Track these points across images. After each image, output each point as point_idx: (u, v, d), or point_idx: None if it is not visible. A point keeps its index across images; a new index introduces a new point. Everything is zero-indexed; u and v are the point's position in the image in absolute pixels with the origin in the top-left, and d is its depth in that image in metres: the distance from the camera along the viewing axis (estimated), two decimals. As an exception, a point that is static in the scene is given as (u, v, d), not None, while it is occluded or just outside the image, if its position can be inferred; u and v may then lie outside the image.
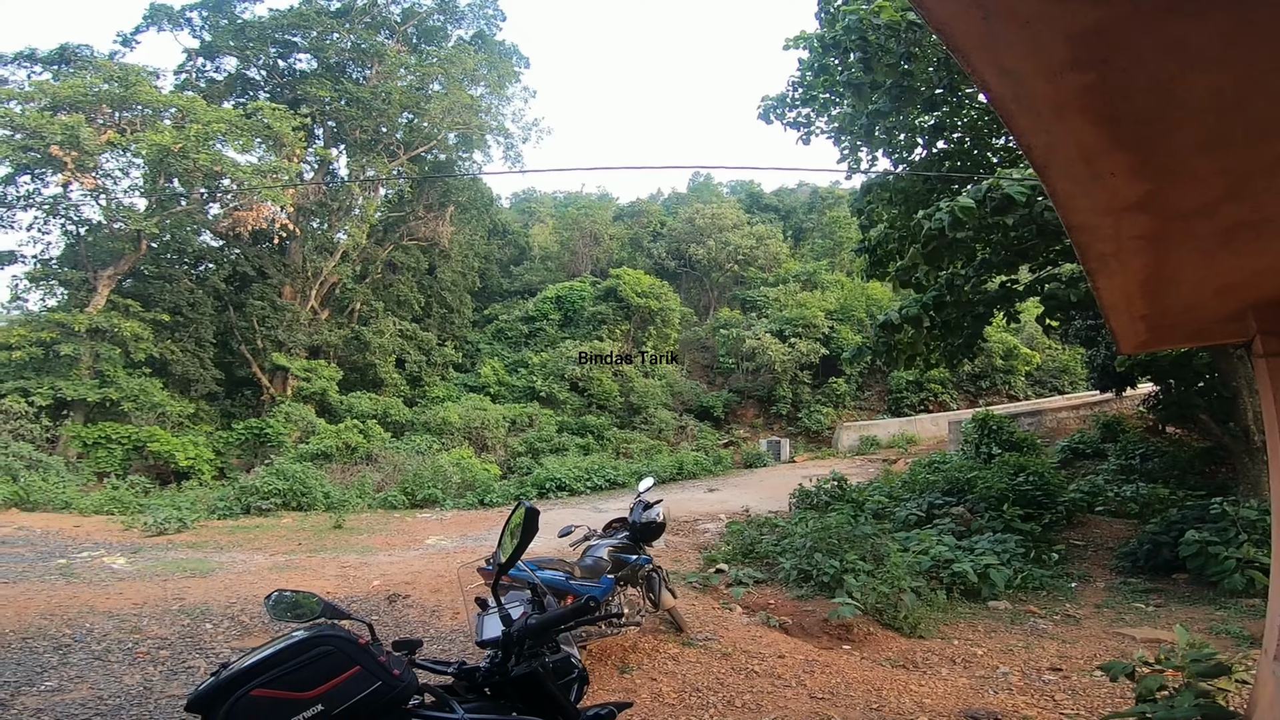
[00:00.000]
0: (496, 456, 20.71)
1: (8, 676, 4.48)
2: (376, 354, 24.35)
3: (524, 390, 25.09)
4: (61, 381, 16.72)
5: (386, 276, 26.40)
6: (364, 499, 15.64)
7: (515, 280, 34.29)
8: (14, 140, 16.92)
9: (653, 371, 26.81)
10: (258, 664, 1.37)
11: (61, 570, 7.56)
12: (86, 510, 13.54)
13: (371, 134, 24.74)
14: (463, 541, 11.03)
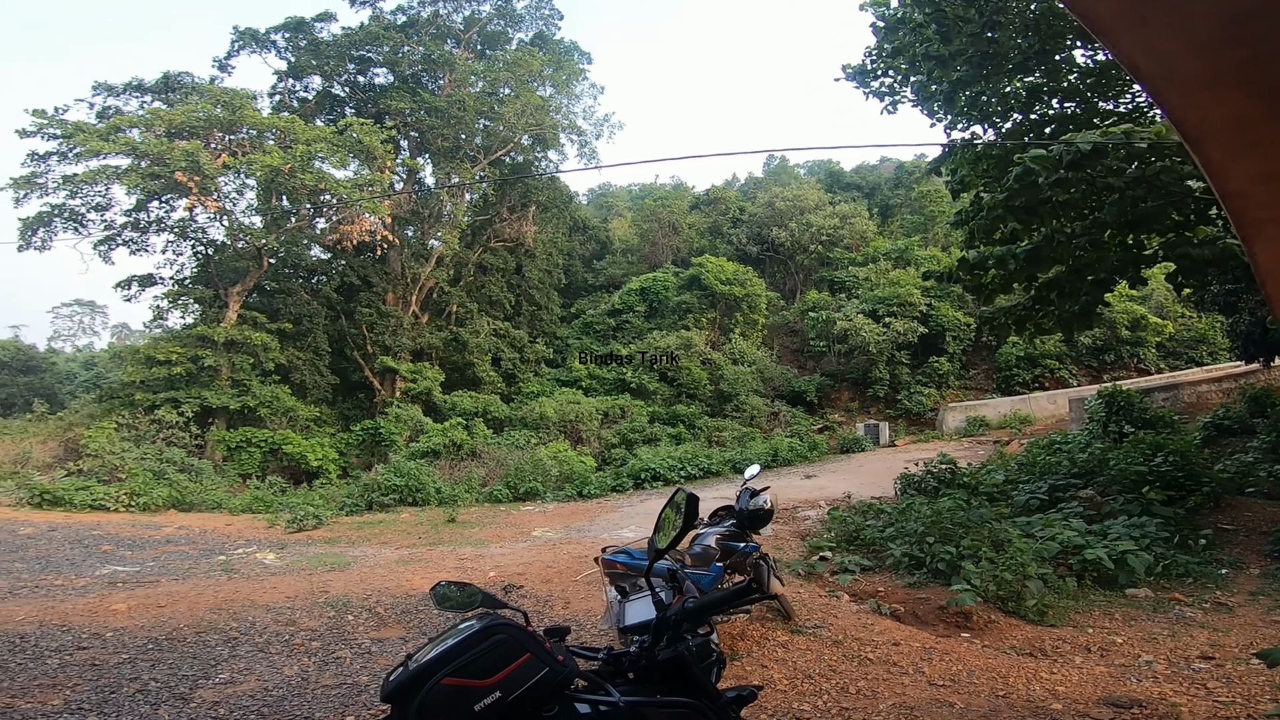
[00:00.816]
0: (591, 449, 21.20)
1: (186, 670, 4.81)
2: (474, 353, 25.38)
3: (614, 382, 25.50)
4: (206, 391, 18.59)
5: (478, 278, 27.43)
6: (471, 493, 16.45)
7: (598, 275, 34.74)
8: (141, 168, 18.56)
9: (742, 358, 26.54)
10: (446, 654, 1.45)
11: (222, 566, 8.43)
12: (235, 509, 15.05)
13: (452, 141, 25.67)
14: (567, 533, 11.40)
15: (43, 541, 9.64)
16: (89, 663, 4.72)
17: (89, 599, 6.23)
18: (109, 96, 21.97)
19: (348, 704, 4.34)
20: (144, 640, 5.21)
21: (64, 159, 19.31)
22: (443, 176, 25.92)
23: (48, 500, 13.63)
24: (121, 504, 14.17)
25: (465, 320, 26.40)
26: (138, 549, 9.57)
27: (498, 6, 29.04)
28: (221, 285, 21.29)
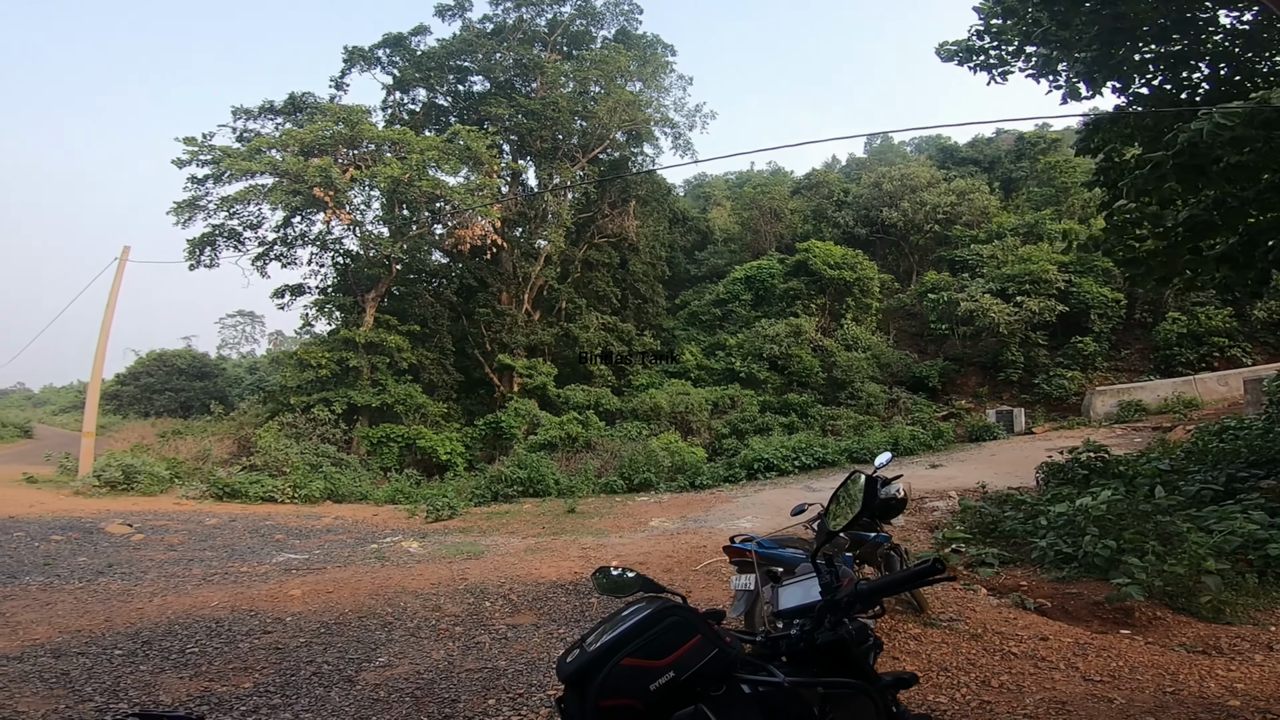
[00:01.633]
0: (701, 439, 21.20)
1: (351, 654, 5.10)
2: (584, 348, 25.97)
3: (723, 372, 25.33)
4: (351, 391, 20.34)
5: (585, 274, 28.04)
6: (588, 485, 16.95)
7: (701, 265, 34.56)
8: (283, 186, 20.25)
9: (856, 344, 25.50)
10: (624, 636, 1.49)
11: (375, 554, 9.20)
12: (379, 500, 16.39)
13: (550, 143, 26.32)
14: (683, 523, 11.49)
15: (226, 531, 10.97)
16: (273, 646, 5.20)
17: (270, 585, 7.00)
18: (247, 120, 24.01)
19: (489, 688, 4.52)
20: (316, 625, 5.74)
21: (218, 181, 21.25)
22: (544, 177, 26.66)
23: (226, 493, 15.50)
24: (286, 496, 15.86)
25: (574, 316, 27.11)
26: (304, 538, 10.68)
27: (578, 6, 29.47)
28: (359, 292, 23.06)
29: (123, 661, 4.63)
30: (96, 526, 10.29)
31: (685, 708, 1.45)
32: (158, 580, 7.08)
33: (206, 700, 4.15)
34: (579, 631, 5.67)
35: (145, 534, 10.04)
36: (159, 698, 4.09)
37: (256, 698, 4.24)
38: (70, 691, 4.12)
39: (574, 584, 7.12)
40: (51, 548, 8.67)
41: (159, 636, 5.14)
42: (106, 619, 5.54)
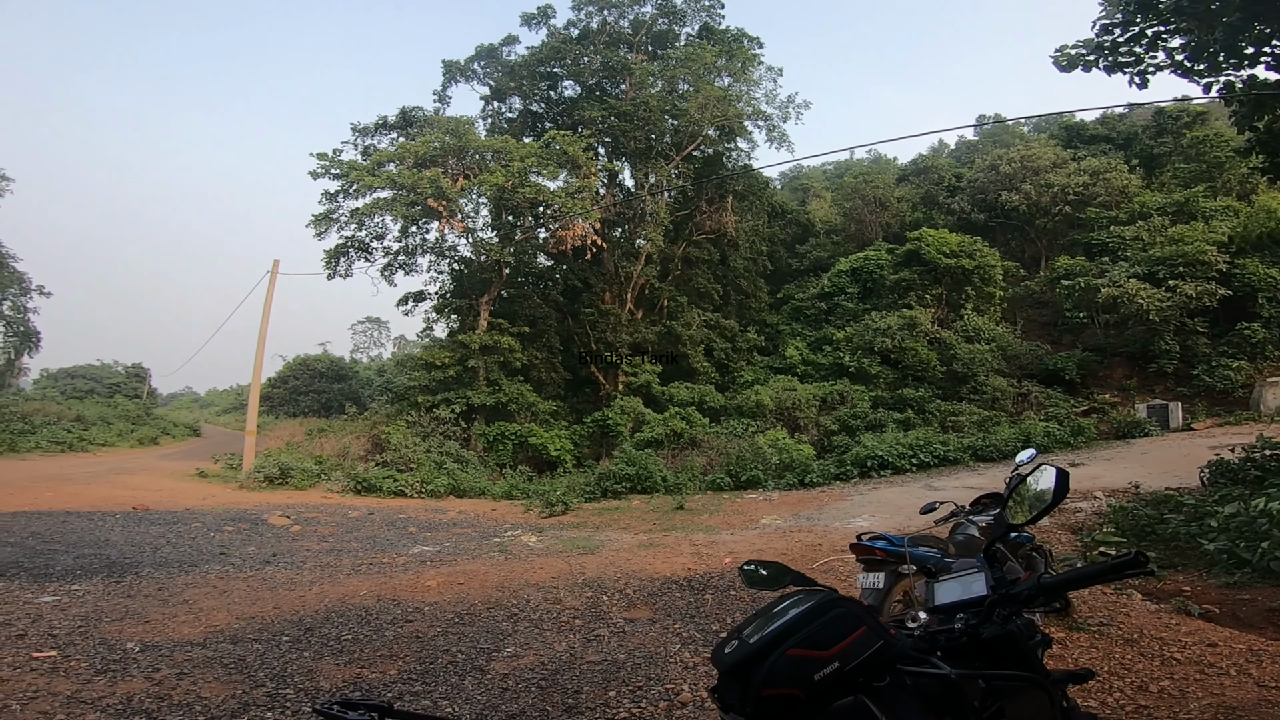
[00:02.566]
0: (809, 436, 20.66)
1: (482, 644, 5.29)
2: (687, 345, 26.03)
3: (831, 367, 24.54)
4: (469, 391, 21.50)
5: (685, 271, 28.06)
6: (694, 481, 16.98)
7: (803, 258, 33.67)
8: (401, 198, 21.49)
9: (978, 335, 23.86)
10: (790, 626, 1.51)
11: (498, 548, 9.65)
12: (497, 496, 17.21)
13: (643, 143, 26.45)
14: (796, 521, 11.26)
15: (367, 523, 11.92)
16: (414, 635, 5.50)
17: (408, 575, 7.50)
18: (365, 136, 25.79)
19: (609, 680, 4.58)
20: (451, 615, 6.06)
21: (347, 195, 22.91)
22: (640, 177, 26.87)
23: (364, 487, 16.86)
24: (415, 490, 17.04)
25: (676, 314, 27.15)
26: (434, 530, 11.42)
27: (659, 6, 29.40)
28: (473, 296, 24.23)
29: (289, 648, 5.03)
30: (260, 518, 11.48)
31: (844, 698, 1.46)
32: (315, 570, 7.76)
33: (359, 686, 4.42)
34: (694, 627, 5.71)
35: (301, 525, 11.10)
36: (319, 684, 4.38)
37: (401, 684, 4.50)
38: (246, 677, 4.43)
39: (688, 580, 7.14)
40: (224, 538, 9.74)
41: (319, 624, 5.59)
42: (275, 606, 6.09)
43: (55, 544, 8.14)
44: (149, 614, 5.60)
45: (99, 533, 9.14)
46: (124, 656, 4.62)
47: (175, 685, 4.17)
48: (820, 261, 32.29)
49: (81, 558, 7.50)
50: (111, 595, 6.11)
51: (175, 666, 4.47)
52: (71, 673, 4.29)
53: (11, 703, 3.80)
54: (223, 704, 3.96)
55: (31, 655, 4.52)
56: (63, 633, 5.06)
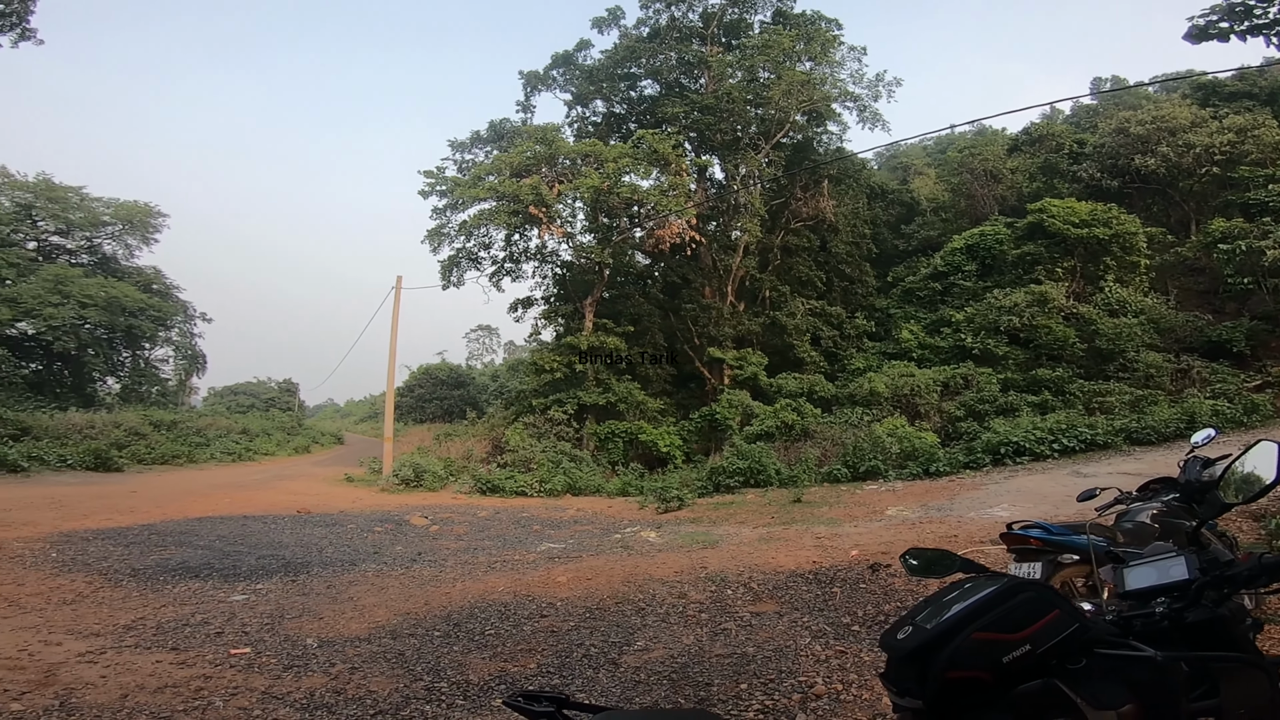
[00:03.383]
0: (931, 423, 19.57)
1: (613, 638, 5.42)
2: (792, 335, 25.47)
3: (951, 350, 23.13)
4: (580, 392, 22.18)
5: (785, 261, 27.45)
6: (810, 474, 16.56)
7: (910, 239, 32.04)
8: (503, 207, 22.37)
9: (1123, 308, 21.68)
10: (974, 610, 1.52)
11: (620, 544, 9.92)
12: (612, 493, 17.63)
13: (730, 134, 26.01)
14: (925, 512, 10.75)
15: (495, 522, 12.60)
16: (549, 630, 5.71)
17: (539, 572, 7.85)
18: (461, 151, 27.21)
19: (740, 673, 4.59)
20: (581, 610, 6.27)
21: (454, 209, 24.19)
22: (730, 169, 26.51)
23: (489, 488, 17.84)
24: (534, 490, 17.81)
25: (779, 304, 26.64)
26: (557, 528, 11.90)
27: None
28: (577, 299, 24.94)
29: (440, 642, 5.37)
30: (403, 519, 12.43)
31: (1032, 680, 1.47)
32: (455, 567, 8.29)
33: (503, 679, 4.63)
34: (823, 620, 5.64)
35: (438, 525, 11.93)
36: (469, 677, 4.65)
37: (540, 678, 4.69)
38: (405, 671, 4.70)
39: (813, 573, 7.01)
40: (375, 538, 10.61)
41: (464, 619, 5.96)
42: (425, 602, 6.54)
43: (239, 546, 9.17)
44: (322, 611, 6.17)
45: (272, 535, 10.22)
46: (305, 652, 5.05)
47: (349, 680, 4.52)
48: (930, 241, 30.55)
49: (262, 558, 8.38)
50: (289, 593, 6.78)
51: (348, 661, 4.86)
52: (263, 668, 4.69)
53: (215, 699, 4.14)
54: (388, 698, 4.25)
55: (230, 652, 4.99)
56: (253, 630, 5.59)
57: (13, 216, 34.29)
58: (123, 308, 33.33)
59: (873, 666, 4.60)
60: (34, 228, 35.48)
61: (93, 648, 4.94)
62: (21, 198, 34.78)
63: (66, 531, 9.22)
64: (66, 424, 22.69)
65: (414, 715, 4.05)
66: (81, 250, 37.51)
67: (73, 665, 4.54)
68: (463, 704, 4.24)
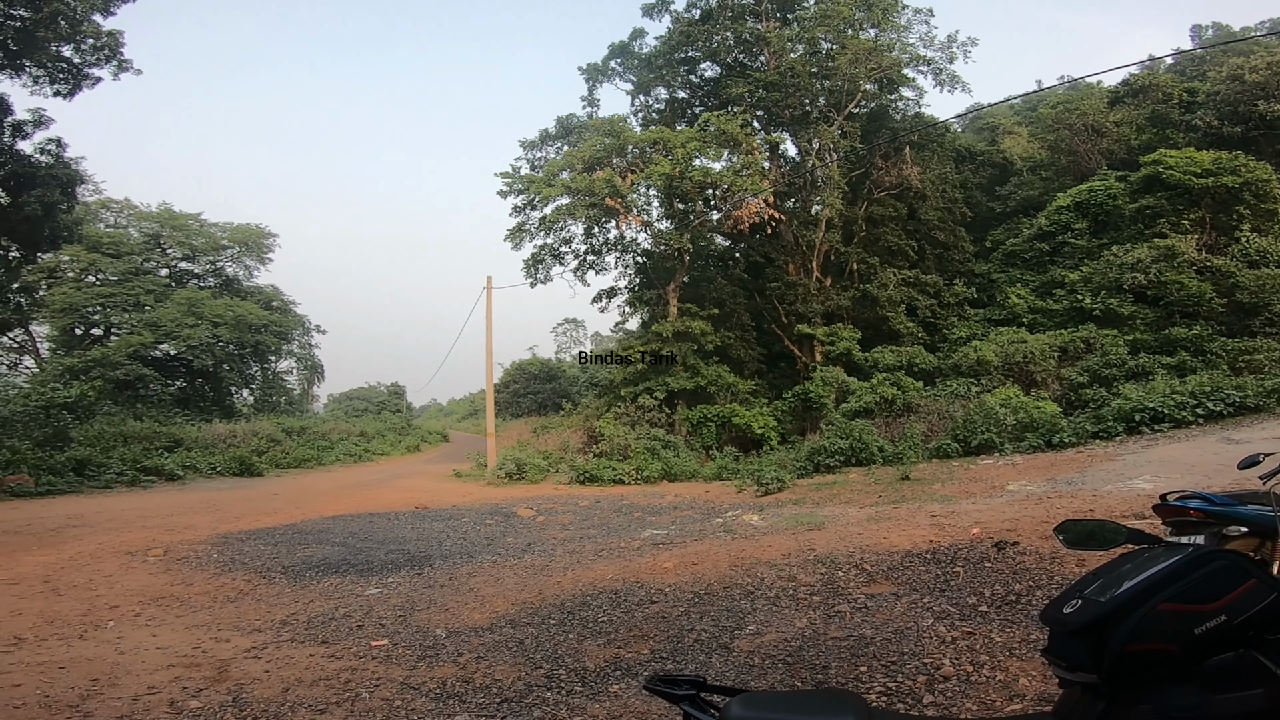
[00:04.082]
0: (1050, 391, 18.28)
1: (724, 622, 5.38)
2: (885, 307, 24.69)
3: (1066, 313, 21.63)
4: (668, 378, 22.26)
5: (870, 232, 26.68)
6: (916, 450, 15.88)
7: (1007, 200, 30.16)
8: (579, 201, 22.72)
9: (1265, 258, 19.47)
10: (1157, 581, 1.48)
11: (723, 528, 9.86)
12: (708, 478, 17.59)
13: (798, 110, 25.34)
14: (1052, 486, 10.06)
15: (597, 511, 12.87)
16: (659, 615, 5.74)
17: (645, 559, 7.93)
18: (533, 150, 27.78)
19: (858, 655, 4.51)
20: (690, 595, 6.27)
21: (533, 207, 24.78)
22: (803, 144, 25.97)
23: (587, 477, 18.27)
24: (631, 478, 18.07)
25: (869, 276, 25.84)
26: (657, 514, 12.01)
27: None
28: (660, 285, 25.04)
29: (556, 630, 5.50)
30: (511, 511, 12.90)
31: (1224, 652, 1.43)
32: (564, 556, 8.52)
33: (618, 666, 4.70)
34: (946, 601, 5.39)
35: (544, 516, 12.31)
36: (585, 664, 4.74)
37: (654, 663, 4.73)
38: (526, 659, 4.83)
39: (931, 553, 6.69)
40: (487, 530, 11.06)
41: (577, 607, 6.09)
42: (539, 591, 6.73)
43: (368, 542, 9.82)
44: (447, 602, 6.49)
45: (396, 530, 10.88)
46: (435, 643, 5.31)
47: (476, 669, 4.72)
48: (1030, 201, 28.71)
49: (389, 553, 8.92)
50: (416, 586, 7.18)
51: (473, 651, 5.07)
52: (400, 659, 4.95)
53: (362, 691, 4.33)
54: (512, 686, 4.41)
55: (370, 644, 5.28)
56: (388, 622, 5.90)
57: (144, 246, 38.26)
58: (249, 325, 36.58)
59: (1006, 648, 4.38)
60: (164, 255, 39.46)
61: (256, 643, 5.33)
62: (148, 228, 38.79)
63: (223, 533, 10.17)
64: (212, 435, 25.25)
65: (536, 702, 4.17)
66: (207, 274, 41.38)
67: (240, 661, 4.91)
68: (581, 690, 4.33)
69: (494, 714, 4.02)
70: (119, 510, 12.77)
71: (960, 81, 26.44)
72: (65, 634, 5.36)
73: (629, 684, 4.40)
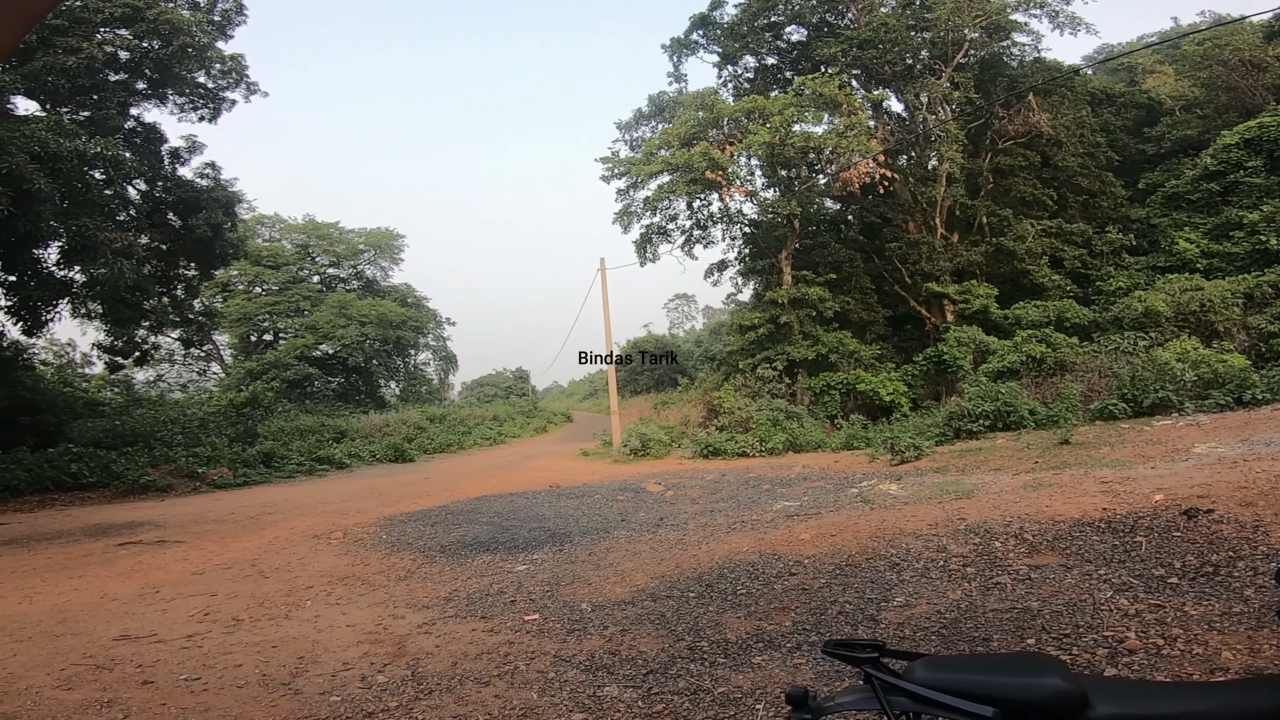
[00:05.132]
0: (1236, 343, 16.05)
1: (869, 594, 5.30)
2: (1024, 260, 22.95)
3: (1249, 256, 19.20)
4: (788, 346, 21.79)
5: (999, 184, 24.89)
6: (1075, 412, 14.48)
7: (1159, 142, 27.03)
8: (680, 178, 22.68)
9: None
10: None
11: (858, 498, 9.50)
12: (835, 448, 17.02)
13: (899, 65, 23.84)
14: (1248, 448, 8.84)
15: (724, 484, 12.80)
16: (800, 587, 5.66)
17: (780, 530, 7.81)
18: (629, 131, 28.02)
19: (1023, 628, 4.30)
20: (830, 566, 6.14)
21: (635, 188, 25.13)
22: (910, 100, 24.40)
23: (710, 451, 18.27)
24: (755, 450, 17.87)
25: (1002, 229, 23.99)
26: (787, 486, 11.79)
27: None
28: (771, 254, 24.50)
29: (695, 603, 5.56)
30: (639, 487, 13.13)
31: None
32: (697, 530, 8.56)
33: (760, 638, 4.68)
34: (1126, 573, 4.94)
35: (673, 490, 12.42)
36: (727, 636, 4.77)
37: (797, 635, 4.69)
38: (668, 632, 4.91)
39: (1105, 522, 6.11)
40: (619, 506, 11.30)
41: (714, 580, 6.11)
42: (676, 565, 6.80)
43: (512, 520, 10.33)
44: (589, 577, 6.73)
45: (535, 509, 11.39)
46: (581, 617, 5.51)
47: (621, 641, 4.85)
48: (1187, 141, 25.83)
49: (532, 531, 9.35)
50: (559, 562, 7.49)
51: (618, 624, 5.23)
52: (550, 633, 5.18)
53: (519, 664, 4.54)
54: (656, 658, 4.51)
55: (523, 619, 5.55)
56: (538, 597, 6.17)
57: (296, 256, 42.89)
58: (390, 322, 40.06)
59: (1203, 621, 4.01)
60: (313, 263, 43.97)
61: (426, 619, 5.68)
62: (298, 239, 43.47)
63: (388, 516, 11.06)
64: (369, 425, 27.90)
65: (681, 674, 4.24)
66: (350, 277, 45.71)
67: (415, 637, 5.24)
68: (724, 662, 4.36)
69: (641, 685, 4.11)
70: (302, 498, 14.33)
71: (1082, 23, 23.96)
72: (273, 614, 5.99)
73: (772, 655, 4.40)
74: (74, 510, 13.20)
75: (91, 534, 10.31)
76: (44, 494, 14.22)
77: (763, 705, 3.73)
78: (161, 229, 20.67)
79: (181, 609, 6.18)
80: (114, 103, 18.81)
